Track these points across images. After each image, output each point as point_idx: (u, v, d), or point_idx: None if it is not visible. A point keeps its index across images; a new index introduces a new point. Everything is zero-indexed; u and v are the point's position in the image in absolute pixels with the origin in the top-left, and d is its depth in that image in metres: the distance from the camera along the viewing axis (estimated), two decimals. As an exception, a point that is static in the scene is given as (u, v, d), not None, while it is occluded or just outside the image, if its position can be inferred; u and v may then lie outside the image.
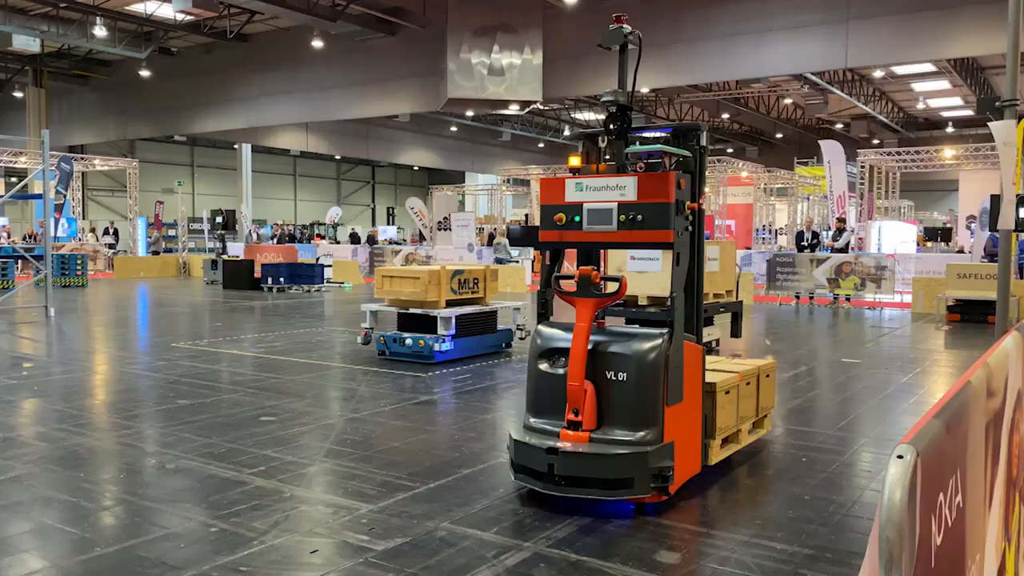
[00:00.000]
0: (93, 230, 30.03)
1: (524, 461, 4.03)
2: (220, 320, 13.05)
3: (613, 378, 3.97)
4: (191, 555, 3.41)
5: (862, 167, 23.09)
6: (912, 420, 6.10)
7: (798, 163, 30.42)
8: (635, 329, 4.14)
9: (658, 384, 3.89)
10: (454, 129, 39.41)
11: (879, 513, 0.95)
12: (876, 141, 34.79)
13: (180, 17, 22.63)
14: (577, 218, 4.17)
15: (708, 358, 5.02)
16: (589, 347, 3.99)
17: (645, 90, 26.14)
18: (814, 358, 9.43)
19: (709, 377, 4.54)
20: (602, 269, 8.87)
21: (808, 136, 35.27)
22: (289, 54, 25.19)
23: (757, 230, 29.03)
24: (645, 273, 8.31)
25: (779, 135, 37.71)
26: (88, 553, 3.42)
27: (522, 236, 16.51)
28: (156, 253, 29.89)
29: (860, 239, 21.68)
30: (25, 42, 23.17)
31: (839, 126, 35.87)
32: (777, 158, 36.00)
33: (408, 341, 8.40)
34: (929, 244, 25.97)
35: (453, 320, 8.35)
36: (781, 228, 34.06)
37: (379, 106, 24.68)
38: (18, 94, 31.16)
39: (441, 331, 8.28)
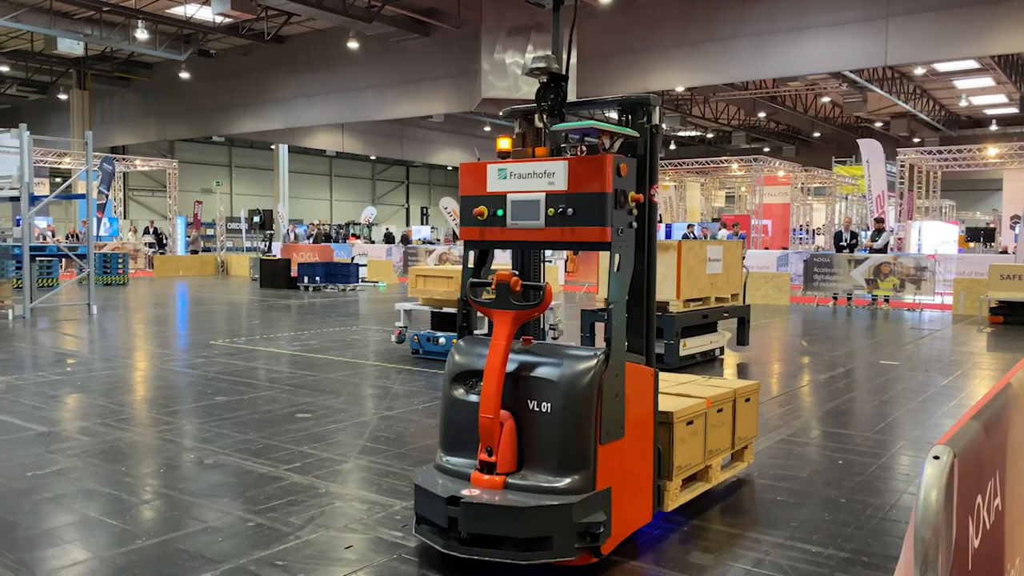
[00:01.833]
0: (134, 230, 30.59)
1: (425, 511, 3.30)
2: (257, 318, 13.23)
3: (536, 409, 3.24)
4: (229, 549, 3.47)
5: (902, 166, 22.71)
6: (953, 423, 6.00)
7: (836, 162, 29.99)
8: (571, 347, 3.45)
9: (589, 417, 3.15)
10: (488, 129, 39.50)
11: (915, 514, 0.94)
12: (917, 140, 34.18)
13: (219, 19, 22.98)
14: (500, 212, 3.43)
15: (676, 378, 4.58)
16: (509, 370, 3.28)
17: (680, 89, 25.99)
18: (851, 360, 9.30)
19: (666, 404, 3.80)
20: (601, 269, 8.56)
21: (846, 135, 34.75)
22: (325, 55, 25.45)
23: (794, 230, 28.70)
24: None
25: (817, 134, 37.23)
26: (129, 545, 3.50)
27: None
28: (195, 252, 30.36)
29: (899, 239, 21.34)
30: (70, 45, 23.69)
31: (878, 125, 35.31)
32: (815, 157, 35.55)
33: (442, 340, 8.44)
34: (971, 244, 25.48)
35: (487, 320, 8.36)
36: (819, 228, 33.63)
37: (413, 106, 24.82)
38: (63, 96, 31.85)
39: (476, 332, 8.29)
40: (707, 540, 3.65)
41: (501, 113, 3.82)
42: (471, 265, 3.62)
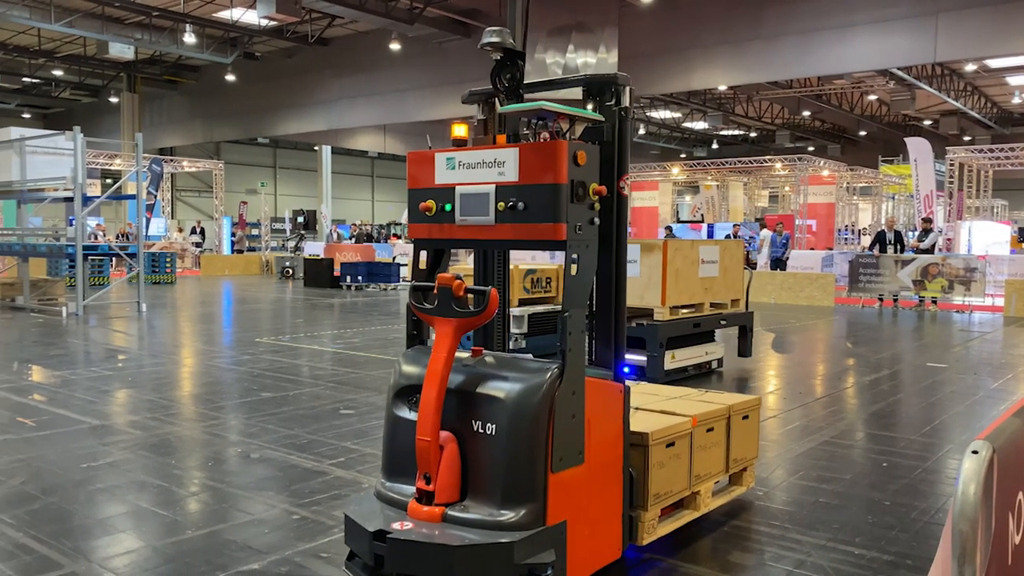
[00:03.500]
0: (181, 230, 31.24)
1: (353, 545, 2.93)
2: (301, 316, 13.43)
3: (480, 431, 2.84)
4: (274, 541, 3.55)
5: (951, 165, 22.24)
6: (1002, 427, 5.87)
7: (883, 161, 29.45)
8: (526, 359, 3.02)
9: (537, 442, 2.73)
10: (526, 132, 39.46)
11: (953, 507, 0.95)
12: (967, 138, 33.40)
13: (264, 22, 23.36)
14: (448, 206, 3.07)
15: (668, 391, 4.19)
16: (453, 385, 2.90)
17: (723, 87, 25.76)
18: (897, 362, 9.15)
19: (642, 424, 3.39)
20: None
21: (894, 133, 34.10)
22: (367, 57, 25.72)
23: (839, 230, 28.27)
24: None
25: (863, 132, 36.58)
26: (179, 535, 3.60)
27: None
28: (240, 252, 30.90)
29: (948, 240, 20.89)
30: (120, 50, 24.29)
31: (927, 123, 34.58)
32: (860, 156, 34.96)
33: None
34: (1024, 245, 24.83)
35: (526, 319, 8.40)
36: (864, 228, 33.08)
37: (454, 108, 24.94)
38: (114, 99, 32.65)
39: (513, 329, 8.34)
40: (748, 541, 3.63)
41: (461, 98, 3.56)
42: (423, 267, 3.25)
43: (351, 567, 2.96)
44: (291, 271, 24.00)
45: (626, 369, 3.16)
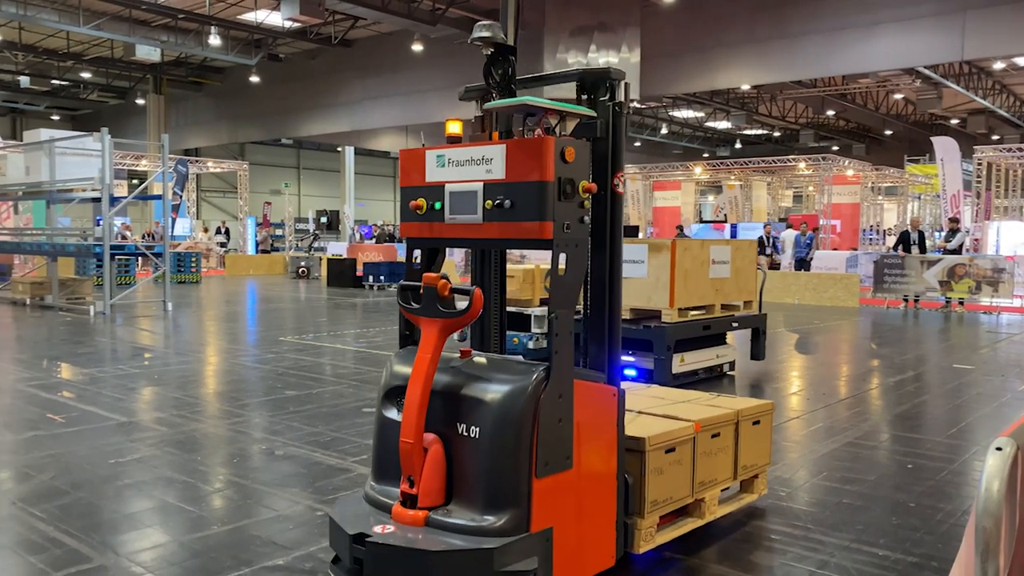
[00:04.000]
0: (206, 230, 31.56)
1: (336, 548, 2.90)
2: (324, 316, 13.53)
3: (465, 434, 2.79)
4: (298, 537, 3.59)
5: (979, 164, 21.96)
6: (1030, 429, 5.79)
7: (908, 161, 29.12)
8: (516, 361, 2.99)
9: (521, 446, 2.68)
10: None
11: (976, 503, 0.95)
12: (995, 137, 32.95)
13: (288, 24, 23.53)
14: (438, 204, 3.02)
15: (677, 395, 4.10)
16: (439, 387, 2.87)
17: (746, 87, 25.60)
18: (923, 363, 9.05)
19: (641, 429, 3.31)
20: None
21: (920, 132, 33.72)
22: (390, 58, 25.85)
23: (864, 230, 28.01)
24: (628, 279, 7.04)
25: (888, 132, 36.20)
26: (205, 530, 3.65)
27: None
28: (264, 252, 31.16)
29: (976, 240, 20.63)
30: (147, 52, 24.59)
31: (954, 121, 34.15)
32: (886, 156, 34.60)
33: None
34: (1054, 245, 24.42)
35: (546, 319, 8.39)
36: (889, 228, 32.75)
37: (477, 108, 24.98)
38: (140, 101, 33.05)
39: (534, 329, 8.35)
40: (770, 541, 3.62)
41: (458, 95, 3.52)
42: (418, 266, 3.21)
43: (335, 570, 2.89)
44: (306, 270, 24.17)
45: (632, 372, 3.09)
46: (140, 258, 19.29)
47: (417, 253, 3.19)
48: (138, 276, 19.45)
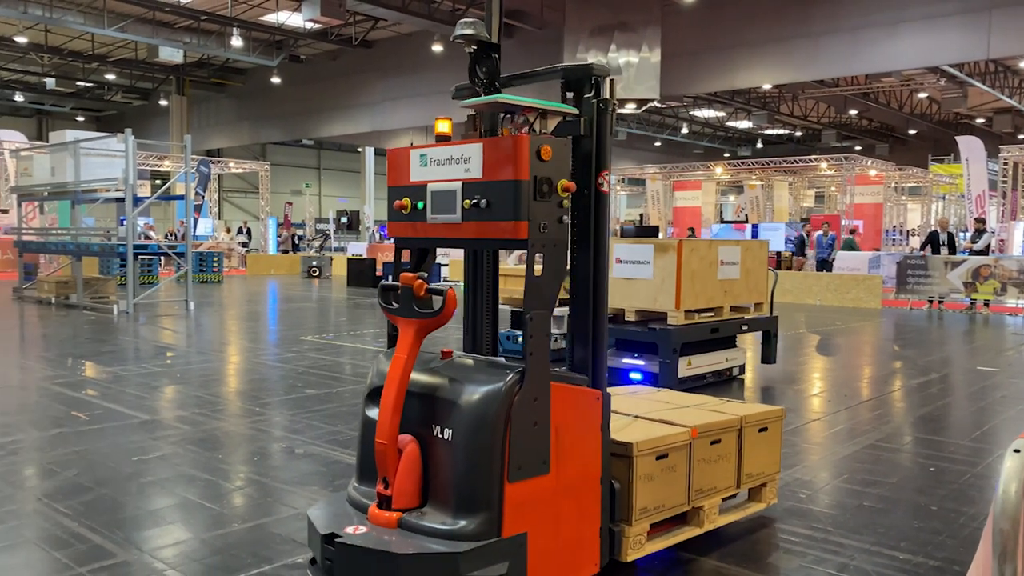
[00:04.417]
0: (228, 230, 31.82)
1: (312, 548, 2.88)
2: (344, 315, 13.60)
3: (439, 436, 2.76)
4: (318, 534, 3.61)
5: (1005, 164, 21.68)
6: (1055, 433, 5.72)
7: (933, 160, 28.81)
8: (496, 362, 2.91)
9: (492, 449, 2.63)
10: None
11: (994, 506, 0.94)
12: (1022, 136, 32.51)
13: (309, 26, 23.69)
14: (421, 204, 2.98)
15: (681, 399, 4.00)
16: (417, 388, 2.85)
17: (767, 86, 25.43)
18: (946, 365, 8.95)
19: (631, 434, 3.23)
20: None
21: (944, 132, 33.35)
22: (410, 59, 25.94)
23: (887, 231, 27.74)
24: (633, 280, 6.95)
25: (912, 131, 35.83)
26: (226, 528, 3.68)
27: (636, 236, 16.40)
28: (285, 252, 31.38)
29: (1001, 241, 20.36)
30: (170, 53, 24.85)
31: (980, 121, 33.74)
32: (909, 155, 34.24)
33: (520, 338, 8.51)
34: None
35: (565, 319, 8.40)
36: (913, 229, 32.42)
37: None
38: (163, 102, 33.39)
39: (554, 329, 8.35)
40: (789, 543, 3.60)
41: (451, 94, 3.51)
42: (409, 265, 3.17)
43: (312, 571, 2.86)
44: (317, 270, 24.32)
45: (637, 376, 3.02)
46: (163, 258, 19.49)
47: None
48: (161, 275, 19.65)
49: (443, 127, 3.06)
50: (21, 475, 4.43)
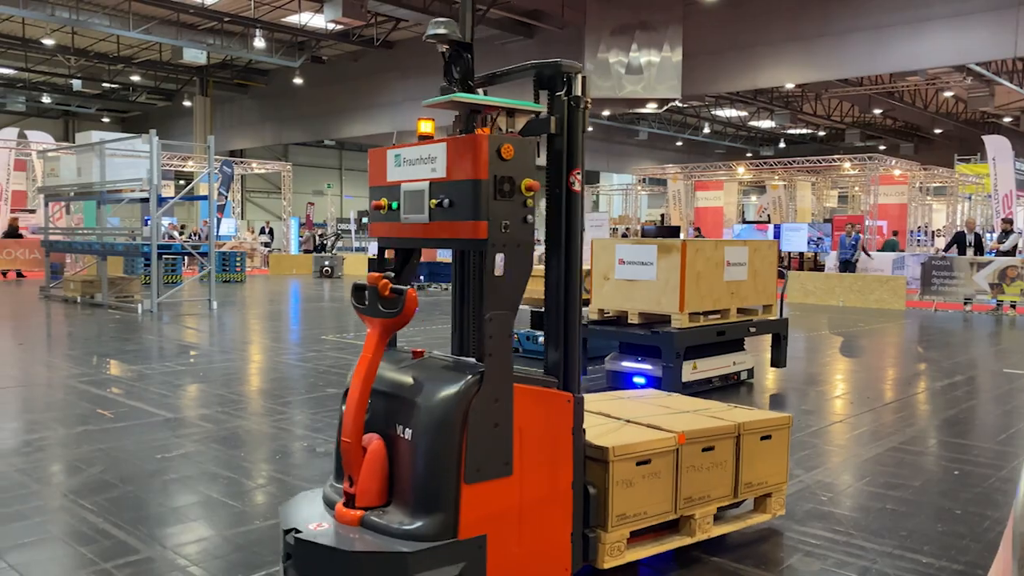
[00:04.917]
0: (251, 230, 32.06)
1: (282, 542, 2.92)
2: (364, 315, 13.65)
3: (401, 435, 2.78)
4: (338, 532, 3.63)
5: (1032, 163, 21.36)
6: (1083, 436, 5.64)
7: (959, 160, 28.44)
8: (463, 362, 2.93)
9: (447, 449, 2.64)
10: (590, 129, 38.42)
11: (1014, 509, 0.93)
12: (1050, 135, 32.04)
13: (331, 27, 23.82)
14: (395, 204, 2.99)
15: (682, 403, 3.91)
16: (384, 387, 2.88)
17: (790, 85, 25.24)
18: (972, 367, 8.84)
19: (611, 438, 3.16)
20: (591, 275, 7.02)
21: (971, 131, 32.92)
22: (432, 60, 25.88)
23: (912, 231, 27.43)
24: (636, 282, 6.77)
25: (937, 130, 35.43)
26: (247, 525, 3.72)
27: (656, 237, 16.32)
28: (308, 252, 31.56)
29: (1029, 241, 20.05)
30: (194, 55, 25.09)
31: (1007, 120, 33.28)
32: (935, 155, 33.85)
33: (541, 339, 8.50)
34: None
35: (585, 319, 8.39)
36: (939, 229, 32.06)
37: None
38: (187, 103, 33.71)
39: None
40: (810, 546, 3.57)
41: (439, 92, 3.57)
42: (390, 264, 3.14)
43: (286, 566, 2.86)
44: (329, 270, 24.45)
45: (641, 380, 2.96)
46: (186, 257, 19.68)
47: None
48: (184, 275, 19.84)
49: (425, 127, 3.00)
50: (47, 471, 4.50)
